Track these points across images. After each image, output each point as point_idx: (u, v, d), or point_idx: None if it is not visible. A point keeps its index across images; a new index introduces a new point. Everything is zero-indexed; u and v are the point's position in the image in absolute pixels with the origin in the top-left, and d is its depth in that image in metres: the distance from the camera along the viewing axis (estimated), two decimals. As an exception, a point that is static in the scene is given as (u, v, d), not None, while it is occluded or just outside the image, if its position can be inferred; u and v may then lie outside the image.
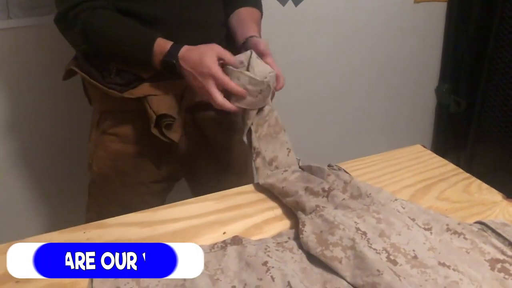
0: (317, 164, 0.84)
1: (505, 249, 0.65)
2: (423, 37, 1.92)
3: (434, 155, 0.99)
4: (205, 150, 1.08)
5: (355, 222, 0.69)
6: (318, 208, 0.71)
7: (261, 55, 0.88)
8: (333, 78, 1.82)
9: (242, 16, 1.02)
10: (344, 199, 0.75)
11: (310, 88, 1.78)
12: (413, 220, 0.71)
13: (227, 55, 0.85)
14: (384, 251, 0.65)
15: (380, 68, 1.89)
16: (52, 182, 1.53)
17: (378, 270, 0.59)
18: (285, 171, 0.84)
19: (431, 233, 0.69)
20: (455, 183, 0.89)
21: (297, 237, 0.70)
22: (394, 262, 0.63)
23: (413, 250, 0.65)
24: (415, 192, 0.86)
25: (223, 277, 0.62)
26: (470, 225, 0.72)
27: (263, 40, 0.94)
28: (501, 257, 0.64)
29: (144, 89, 0.94)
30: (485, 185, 0.88)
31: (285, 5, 1.59)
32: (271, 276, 0.61)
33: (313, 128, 1.86)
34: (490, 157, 1.91)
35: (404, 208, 0.74)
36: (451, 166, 0.94)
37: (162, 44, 0.87)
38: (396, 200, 0.76)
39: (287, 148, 0.88)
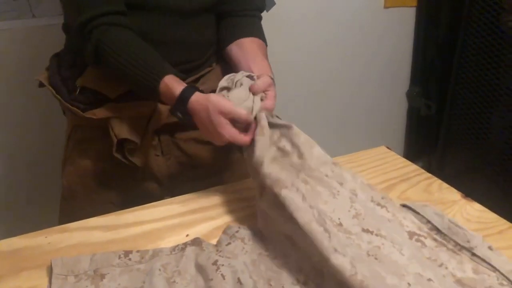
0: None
1: (422, 226, 0.69)
2: (394, 41, 1.95)
3: (398, 156, 1.01)
4: (191, 170, 1.03)
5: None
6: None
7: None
8: (306, 83, 1.84)
9: (251, 51, 0.95)
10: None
11: (281, 93, 1.78)
12: (341, 184, 0.71)
13: (235, 113, 0.78)
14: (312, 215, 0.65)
15: (352, 72, 1.92)
16: (22, 186, 1.52)
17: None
18: None
19: (356, 196, 0.70)
20: (416, 183, 0.91)
21: (247, 228, 0.71)
22: (323, 221, 0.63)
23: (338, 218, 0.65)
24: (377, 193, 0.87)
25: (179, 279, 0.62)
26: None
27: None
28: (418, 231, 0.67)
29: (107, 110, 0.90)
30: (445, 185, 0.90)
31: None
32: (221, 274, 0.62)
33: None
34: (461, 159, 1.95)
35: (333, 172, 0.73)
36: (414, 166, 0.96)
37: (170, 86, 0.80)
38: (326, 163, 0.74)
39: None
